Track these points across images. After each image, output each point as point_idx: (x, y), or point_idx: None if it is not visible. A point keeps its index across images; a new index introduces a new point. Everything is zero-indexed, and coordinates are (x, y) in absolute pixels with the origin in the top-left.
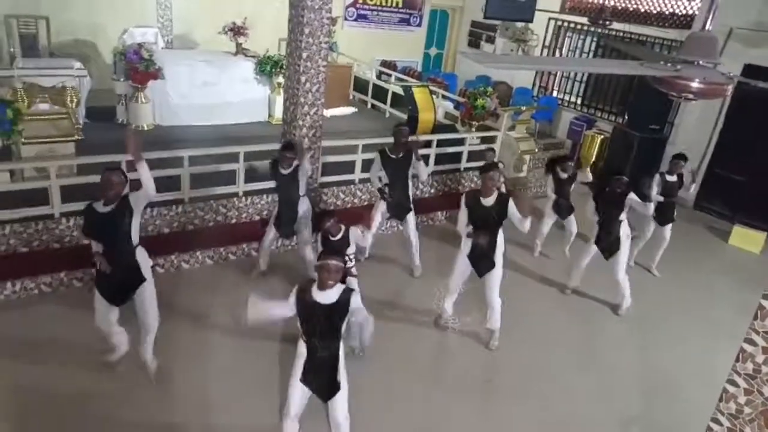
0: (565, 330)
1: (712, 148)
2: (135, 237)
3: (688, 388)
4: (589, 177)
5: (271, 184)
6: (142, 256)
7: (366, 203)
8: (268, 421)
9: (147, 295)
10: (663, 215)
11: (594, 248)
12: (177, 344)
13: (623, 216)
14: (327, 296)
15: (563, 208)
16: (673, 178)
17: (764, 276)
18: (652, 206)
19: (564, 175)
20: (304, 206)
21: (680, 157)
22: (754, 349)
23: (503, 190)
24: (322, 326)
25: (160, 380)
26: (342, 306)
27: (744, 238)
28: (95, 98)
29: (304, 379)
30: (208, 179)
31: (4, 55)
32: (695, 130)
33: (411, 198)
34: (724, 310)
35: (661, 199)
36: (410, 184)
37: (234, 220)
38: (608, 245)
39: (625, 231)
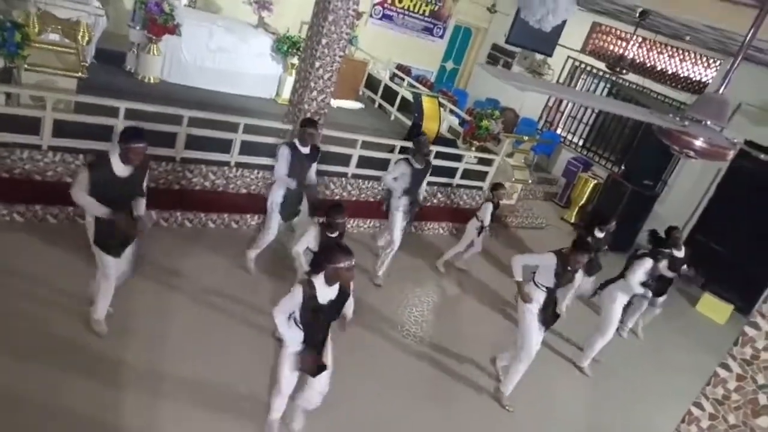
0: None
1: (698, 215)
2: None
3: None
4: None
5: (264, 160)
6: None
7: (354, 198)
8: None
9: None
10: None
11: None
12: (139, 300)
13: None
14: (333, 291)
15: (594, 266)
16: (681, 254)
17: (723, 345)
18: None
19: (600, 234)
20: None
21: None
22: (701, 414)
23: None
24: (326, 317)
25: (118, 326)
26: (342, 301)
27: (712, 306)
28: (107, 41)
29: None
30: (202, 143)
31: None
32: (687, 193)
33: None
34: (677, 371)
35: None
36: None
37: (221, 189)
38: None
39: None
